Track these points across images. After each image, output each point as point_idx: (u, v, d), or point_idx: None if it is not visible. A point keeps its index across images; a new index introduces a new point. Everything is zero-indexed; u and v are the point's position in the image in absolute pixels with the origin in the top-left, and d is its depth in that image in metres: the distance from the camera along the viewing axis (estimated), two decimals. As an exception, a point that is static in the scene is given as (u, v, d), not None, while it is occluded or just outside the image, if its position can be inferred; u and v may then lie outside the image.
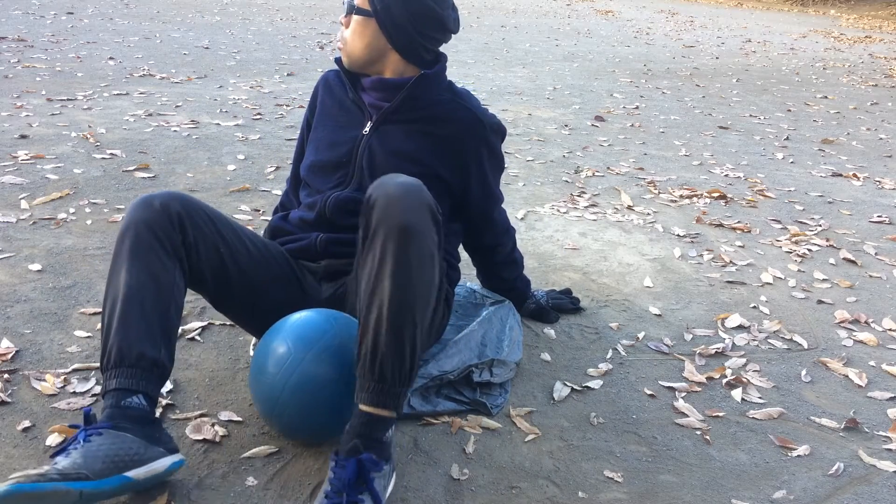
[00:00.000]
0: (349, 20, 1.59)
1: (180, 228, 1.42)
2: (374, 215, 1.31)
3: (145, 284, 1.35)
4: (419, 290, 1.30)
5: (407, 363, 1.31)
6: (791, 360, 1.97)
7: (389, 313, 1.29)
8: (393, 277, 1.28)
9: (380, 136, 1.61)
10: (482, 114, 1.64)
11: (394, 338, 1.29)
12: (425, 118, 1.61)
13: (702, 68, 7.22)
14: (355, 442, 1.30)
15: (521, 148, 3.91)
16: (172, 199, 1.43)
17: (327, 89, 1.73)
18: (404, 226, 1.28)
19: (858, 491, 1.48)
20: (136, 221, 1.39)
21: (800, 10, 16.73)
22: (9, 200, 2.66)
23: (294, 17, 9.07)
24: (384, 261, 1.29)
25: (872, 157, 4.19)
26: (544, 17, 11.57)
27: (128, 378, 1.31)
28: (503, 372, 1.71)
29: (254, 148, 3.55)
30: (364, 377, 1.31)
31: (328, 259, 1.62)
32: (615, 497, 1.42)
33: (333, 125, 1.67)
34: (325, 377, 1.38)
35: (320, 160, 1.65)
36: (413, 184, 1.33)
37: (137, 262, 1.36)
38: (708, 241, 2.76)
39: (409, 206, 1.29)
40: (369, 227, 1.32)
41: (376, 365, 1.30)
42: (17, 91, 4.30)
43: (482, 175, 1.69)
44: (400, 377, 1.31)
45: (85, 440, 1.24)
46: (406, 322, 1.30)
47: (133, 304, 1.33)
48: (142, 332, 1.33)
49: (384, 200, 1.30)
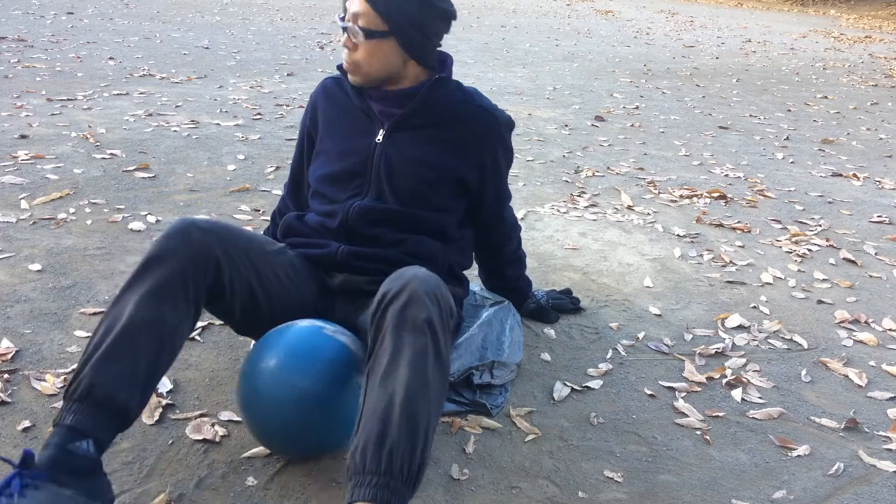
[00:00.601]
0: (356, 44, 1.53)
1: (216, 270, 1.35)
2: (390, 312, 1.24)
3: (149, 324, 1.25)
4: (434, 385, 1.21)
5: (416, 460, 1.15)
6: (791, 360, 1.97)
7: (405, 402, 1.16)
8: (410, 366, 1.19)
9: (395, 144, 1.60)
10: (495, 110, 1.64)
11: (407, 428, 1.15)
12: (440, 122, 1.60)
13: (702, 68, 7.22)
14: None
15: (521, 148, 3.91)
16: (213, 235, 1.35)
17: (328, 98, 1.69)
18: (422, 323, 1.22)
19: (858, 491, 1.48)
20: (169, 253, 1.30)
21: (800, 10, 16.73)
22: (9, 200, 2.66)
23: (294, 17, 9.07)
24: (400, 352, 1.20)
25: (872, 157, 4.19)
26: (544, 17, 11.57)
27: (85, 417, 1.17)
28: (504, 373, 1.71)
29: (254, 148, 3.55)
30: (364, 472, 1.13)
31: (347, 273, 1.58)
32: (615, 497, 1.42)
33: (342, 134, 1.64)
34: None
35: (334, 171, 1.62)
36: (431, 279, 1.28)
37: (152, 298, 1.26)
38: (708, 241, 2.76)
39: (427, 303, 1.24)
40: (384, 323, 1.24)
41: (383, 454, 1.13)
42: (17, 91, 4.30)
43: (497, 173, 1.70)
44: (408, 474, 1.14)
45: (20, 493, 1.08)
46: (420, 413, 1.17)
47: (126, 341, 1.23)
48: (123, 373, 1.21)
49: (403, 297, 1.24)
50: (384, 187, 1.59)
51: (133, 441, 1.47)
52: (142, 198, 2.79)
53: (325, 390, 1.33)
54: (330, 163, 1.64)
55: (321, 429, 1.35)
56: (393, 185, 1.59)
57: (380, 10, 1.48)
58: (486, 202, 1.72)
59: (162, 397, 1.61)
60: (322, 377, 1.34)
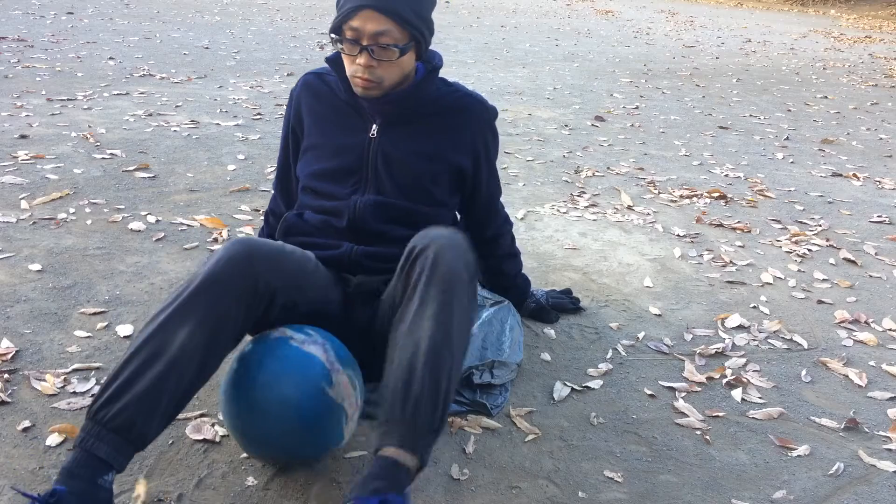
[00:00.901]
0: (380, 62, 1.48)
1: (269, 301, 1.34)
2: (419, 265, 1.31)
3: (197, 356, 1.23)
4: (457, 339, 1.28)
5: (439, 409, 1.23)
6: (791, 360, 1.97)
7: (429, 355, 1.23)
8: (435, 318, 1.26)
9: (390, 138, 1.60)
10: (480, 98, 1.67)
11: (430, 379, 1.22)
12: (432, 113, 1.62)
13: (702, 68, 7.22)
14: (377, 484, 1.16)
15: (521, 148, 3.91)
16: (273, 264, 1.34)
17: (312, 94, 1.66)
18: (450, 276, 1.29)
19: (858, 491, 1.48)
20: (228, 279, 1.27)
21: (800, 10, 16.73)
22: (9, 200, 2.66)
23: (294, 17, 9.07)
24: (426, 304, 1.27)
25: (872, 157, 4.19)
26: (544, 17, 11.57)
27: (117, 452, 1.17)
28: (504, 373, 1.71)
29: (254, 148, 3.55)
30: (391, 420, 1.21)
31: (361, 274, 1.58)
32: (615, 497, 1.42)
33: (332, 130, 1.63)
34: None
35: (328, 167, 1.61)
36: (457, 236, 1.34)
37: (205, 331, 1.23)
38: (708, 241, 2.76)
39: (454, 257, 1.30)
40: (412, 276, 1.31)
41: (408, 404, 1.21)
42: (17, 91, 4.30)
43: (489, 159, 1.73)
44: (431, 422, 1.22)
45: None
46: (443, 365, 1.24)
47: (173, 375, 1.20)
48: (160, 410, 1.20)
49: (431, 252, 1.31)
50: (384, 182, 1.59)
51: (133, 441, 1.47)
52: (142, 198, 2.79)
53: (294, 402, 1.30)
54: (323, 159, 1.63)
55: (296, 439, 1.33)
56: (394, 180, 1.59)
57: (404, 22, 1.45)
58: (480, 191, 1.75)
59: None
60: (288, 389, 1.30)
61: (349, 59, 1.51)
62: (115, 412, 1.17)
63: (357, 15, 1.44)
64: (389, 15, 1.44)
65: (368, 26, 1.44)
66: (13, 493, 1.31)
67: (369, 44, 1.46)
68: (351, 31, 1.47)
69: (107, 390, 1.19)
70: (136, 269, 2.21)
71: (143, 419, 1.18)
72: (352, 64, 1.50)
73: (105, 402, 1.18)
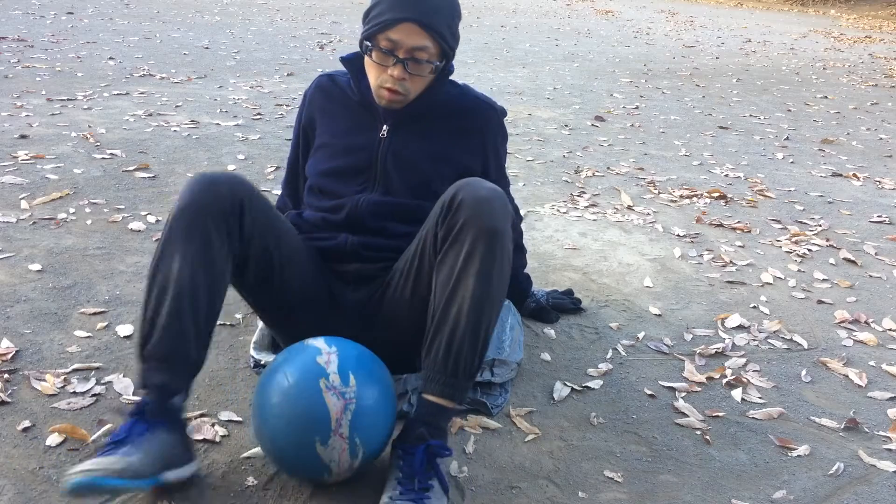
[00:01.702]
0: (412, 76, 1.51)
1: (240, 217, 1.38)
2: (462, 214, 1.34)
3: (197, 275, 1.31)
4: (498, 291, 1.35)
5: (477, 360, 1.36)
6: (791, 360, 1.97)
7: (471, 310, 1.32)
8: (478, 276, 1.32)
9: (400, 138, 1.61)
10: (490, 100, 1.68)
11: (471, 335, 1.34)
12: (443, 115, 1.63)
13: (702, 68, 7.22)
14: (422, 430, 1.34)
15: (521, 148, 3.91)
16: (237, 183, 1.38)
17: (325, 96, 1.68)
18: (494, 229, 1.32)
19: (858, 491, 1.48)
20: (196, 203, 1.33)
21: (800, 10, 16.73)
22: (9, 200, 2.66)
23: (294, 17, 9.07)
24: (471, 259, 1.33)
25: (872, 157, 4.19)
26: (544, 17, 11.57)
27: (173, 376, 1.30)
28: (504, 372, 1.71)
29: (254, 148, 3.55)
30: (435, 369, 1.35)
31: (357, 263, 1.59)
32: (615, 497, 1.42)
33: (343, 130, 1.65)
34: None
35: (338, 166, 1.63)
36: (499, 190, 1.37)
37: (193, 250, 1.31)
38: (708, 241, 2.76)
39: (498, 210, 1.34)
40: (455, 225, 1.35)
41: (450, 358, 1.34)
42: (17, 91, 4.30)
43: (499, 160, 1.74)
44: (470, 372, 1.36)
45: (139, 436, 1.23)
46: (483, 320, 1.34)
47: (184, 299, 1.30)
48: (191, 331, 1.31)
49: (473, 201, 1.33)
50: (393, 181, 1.60)
51: (133, 441, 1.47)
52: (142, 198, 2.79)
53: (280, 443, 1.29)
54: (332, 158, 1.64)
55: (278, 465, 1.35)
56: (403, 180, 1.60)
57: (442, 39, 1.48)
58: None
59: (162, 397, 1.61)
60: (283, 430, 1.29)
61: (379, 69, 1.51)
62: (153, 346, 1.30)
63: (398, 27, 1.45)
64: (430, 32, 1.46)
65: (409, 40, 1.46)
66: (13, 493, 1.31)
67: (405, 57, 1.47)
68: (388, 41, 1.47)
69: (142, 332, 1.32)
70: (136, 269, 2.21)
71: (178, 344, 1.30)
72: (381, 73, 1.51)
73: (143, 342, 1.31)
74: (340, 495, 1.37)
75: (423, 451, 1.31)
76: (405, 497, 1.28)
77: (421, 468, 1.30)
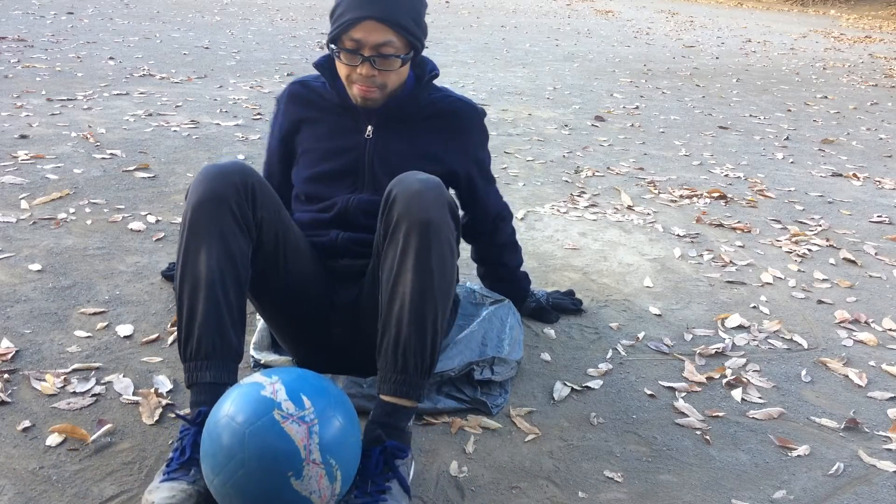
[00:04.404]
0: (381, 72, 1.51)
1: (252, 204, 1.39)
2: (396, 210, 1.34)
3: (224, 267, 1.34)
4: (440, 282, 1.34)
5: (428, 355, 1.36)
6: (791, 360, 1.97)
7: (412, 305, 1.33)
8: (415, 270, 1.32)
9: (386, 139, 1.62)
10: (471, 102, 1.70)
11: (416, 329, 1.33)
12: (426, 116, 1.64)
13: (702, 68, 7.22)
14: (378, 432, 1.34)
15: (521, 148, 3.91)
16: (246, 171, 1.39)
17: (301, 102, 1.67)
18: (426, 220, 1.32)
19: (858, 491, 1.48)
20: (211, 196, 1.34)
21: (800, 10, 16.73)
22: (9, 200, 2.66)
23: (294, 17, 9.07)
24: (406, 253, 1.33)
25: (872, 157, 4.19)
26: (544, 17, 11.57)
27: (220, 371, 1.33)
28: (504, 370, 1.71)
29: (254, 148, 3.55)
30: (386, 368, 1.36)
31: (347, 259, 1.61)
32: (615, 497, 1.42)
33: (327, 133, 1.64)
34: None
35: (324, 170, 1.63)
36: (432, 180, 1.36)
37: (216, 242, 1.34)
38: (708, 241, 2.76)
39: (431, 201, 1.33)
40: (391, 222, 1.35)
41: (398, 356, 1.34)
42: (17, 91, 4.30)
43: (482, 160, 1.76)
44: (421, 368, 1.35)
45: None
46: (427, 313, 1.33)
47: (216, 291, 1.33)
48: (226, 321, 1.34)
49: (406, 196, 1.34)
50: (381, 181, 1.61)
51: (133, 441, 1.47)
52: (142, 198, 2.79)
53: (252, 493, 1.16)
54: (318, 162, 1.64)
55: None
56: (391, 179, 1.59)
57: (406, 32, 1.48)
58: (477, 189, 1.77)
59: (162, 397, 1.61)
60: (252, 475, 1.15)
61: (348, 69, 1.52)
62: (196, 345, 1.33)
63: (358, 26, 1.46)
64: (392, 26, 1.46)
65: (371, 38, 1.46)
66: (13, 493, 1.31)
67: (371, 55, 1.48)
68: (351, 41, 1.48)
69: (181, 333, 1.35)
70: (136, 269, 2.21)
71: (220, 337, 1.33)
72: (351, 72, 1.52)
73: (185, 343, 1.35)
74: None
75: (379, 453, 1.31)
76: (360, 500, 1.26)
77: (377, 470, 1.29)
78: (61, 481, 1.35)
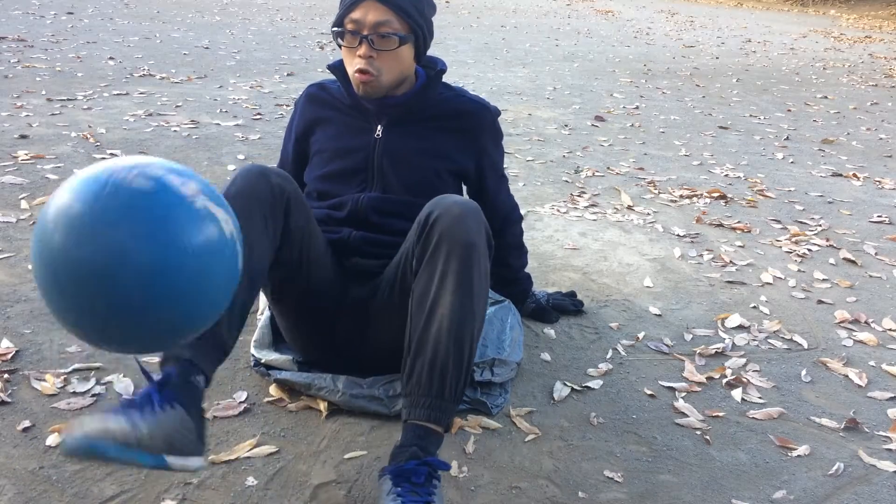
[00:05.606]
0: (379, 53, 1.51)
1: (285, 214, 1.39)
2: (437, 230, 1.33)
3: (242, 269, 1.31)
4: (478, 307, 1.33)
5: (463, 379, 1.33)
6: (791, 360, 1.97)
7: (452, 327, 1.30)
8: (456, 292, 1.31)
9: (395, 138, 1.63)
10: (483, 102, 1.69)
11: (456, 352, 1.30)
12: (437, 115, 1.65)
13: (702, 68, 7.22)
14: (414, 449, 1.28)
15: (521, 148, 3.91)
16: (287, 180, 1.39)
17: (317, 104, 1.69)
18: (470, 243, 1.32)
19: (858, 491, 1.48)
20: (248, 191, 1.33)
21: (800, 10, 16.73)
22: (9, 200, 2.66)
23: (294, 17, 9.07)
24: (447, 275, 1.31)
25: (872, 157, 4.19)
26: (544, 17, 11.57)
27: (200, 354, 1.25)
28: (504, 371, 1.71)
29: (254, 148, 3.55)
30: (418, 392, 1.31)
31: (358, 258, 1.61)
32: (615, 497, 1.42)
33: (338, 134, 1.66)
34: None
35: (334, 169, 1.65)
36: (471, 204, 1.37)
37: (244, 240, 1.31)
38: (708, 241, 2.76)
39: (472, 226, 1.33)
40: (430, 241, 1.34)
41: (434, 378, 1.30)
42: (17, 91, 4.30)
43: (494, 160, 1.75)
44: (456, 392, 1.32)
45: (159, 407, 1.11)
46: (465, 337, 1.31)
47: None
48: (224, 315, 1.28)
49: (448, 218, 1.33)
50: (390, 180, 1.62)
51: (133, 441, 1.47)
52: (142, 198, 2.78)
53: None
54: (328, 162, 1.66)
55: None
56: (400, 178, 1.62)
57: (405, 14, 1.50)
58: (486, 189, 1.77)
59: (162, 397, 1.61)
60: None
61: (350, 55, 1.54)
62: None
63: (359, 6, 1.50)
64: (389, 5, 1.49)
65: (369, 16, 1.49)
66: (13, 493, 1.31)
67: (369, 33, 1.50)
68: (352, 23, 1.51)
69: None
70: (136, 269, 2.21)
71: (211, 327, 1.24)
72: (352, 59, 1.54)
73: None
74: (341, 496, 1.37)
75: (421, 464, 1.25)
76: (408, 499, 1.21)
77: (420, 481, 1.24)
78: (61, 481, 1.35)
